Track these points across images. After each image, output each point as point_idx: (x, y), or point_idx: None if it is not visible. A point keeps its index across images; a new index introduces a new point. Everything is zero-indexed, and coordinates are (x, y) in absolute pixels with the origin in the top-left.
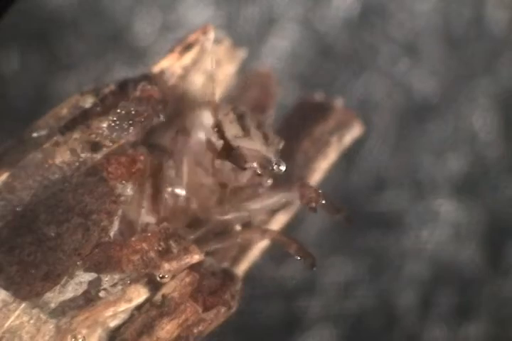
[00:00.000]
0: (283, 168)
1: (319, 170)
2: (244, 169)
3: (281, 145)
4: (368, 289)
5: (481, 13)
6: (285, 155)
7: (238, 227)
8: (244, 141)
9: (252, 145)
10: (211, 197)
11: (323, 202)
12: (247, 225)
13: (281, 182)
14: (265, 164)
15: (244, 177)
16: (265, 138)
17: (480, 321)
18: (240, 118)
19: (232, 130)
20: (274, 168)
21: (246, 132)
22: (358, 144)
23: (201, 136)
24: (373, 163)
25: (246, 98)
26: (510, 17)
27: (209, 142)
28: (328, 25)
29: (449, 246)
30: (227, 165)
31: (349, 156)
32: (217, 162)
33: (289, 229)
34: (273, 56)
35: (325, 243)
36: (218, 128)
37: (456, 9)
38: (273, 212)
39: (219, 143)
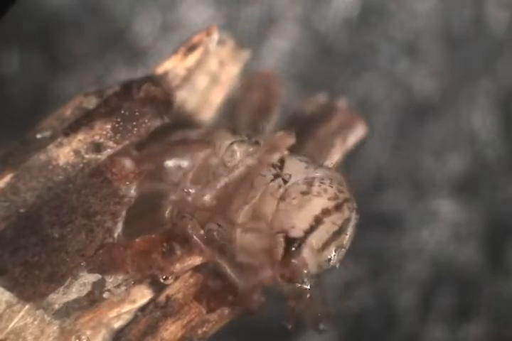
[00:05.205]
0: (307, 287)
1: None
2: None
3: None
4: (368, 289)
5: (481, 13)
6: None
7: None
8: (311, 254)
9: (311, 261)
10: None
11: None
12: None
13: None
14: (298, 279)
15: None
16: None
17: (480, 321)
18: (335, 236)
19: (318, 238)
20: (300, 283)
21: (323, 248)
22: (358, 144)
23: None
24: (373, 163)
25: (249, 99)
26: (510, 17)
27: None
28: (328, 25)
29: (449, 246)
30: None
31: (349, 156)
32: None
33: None
34: (273, 56)
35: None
36: (311, 228)
37: (456, 9)
38: None
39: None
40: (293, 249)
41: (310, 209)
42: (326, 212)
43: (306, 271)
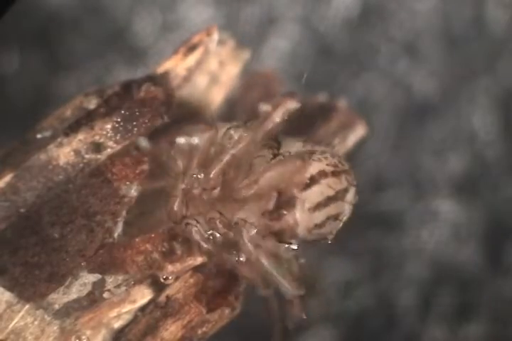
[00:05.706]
0: (294, 247)
1: None
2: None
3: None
4: (368, 289)
5: (481, 13)
6: None
7: None
8: (302, 212)
9: (301, 220)
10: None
11: None
12: None
13: None
14: (286, 235)
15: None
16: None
17: (480, 321)
18: (329, 200)
19: (312, 198)
20: (287, 242)
21: (314, 209)
22: (358, 144)
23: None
24: (373, 163)
25: (249, 99)
26: (510, 17)
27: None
28: (328, 25)
29: (449, 246)
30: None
31: (349, 156)
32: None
33: None
34: (273, 56)
35: (324, 243)
36: (306, 185)
37: (456, 9)
38: None
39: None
40: (285, 202)
41: (307, 170)
42: (322, 174)
43: (294, 230)
